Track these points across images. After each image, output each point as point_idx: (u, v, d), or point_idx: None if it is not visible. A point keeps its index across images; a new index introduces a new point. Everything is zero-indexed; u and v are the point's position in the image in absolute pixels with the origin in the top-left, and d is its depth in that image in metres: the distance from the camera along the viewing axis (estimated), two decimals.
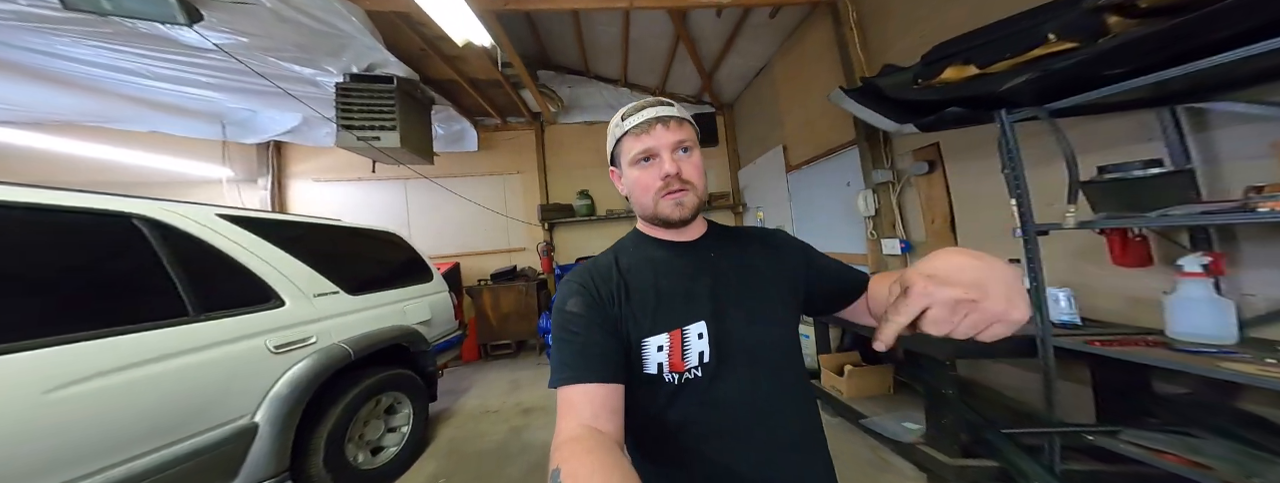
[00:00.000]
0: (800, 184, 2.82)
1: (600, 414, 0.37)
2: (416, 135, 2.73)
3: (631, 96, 3.99)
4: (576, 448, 0.32)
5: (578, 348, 0.40)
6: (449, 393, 2.60)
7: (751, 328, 0.44)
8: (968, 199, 1.59)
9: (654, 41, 3.19)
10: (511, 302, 3.28)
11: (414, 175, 3.41)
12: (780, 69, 2.93)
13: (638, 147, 0.43)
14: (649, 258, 0.48)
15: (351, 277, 1.54)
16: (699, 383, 0.42)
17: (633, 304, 0.43)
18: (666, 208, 0.44)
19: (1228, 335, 0.87)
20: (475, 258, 3.79)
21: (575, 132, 4.02)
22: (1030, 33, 0.93)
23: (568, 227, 3.92)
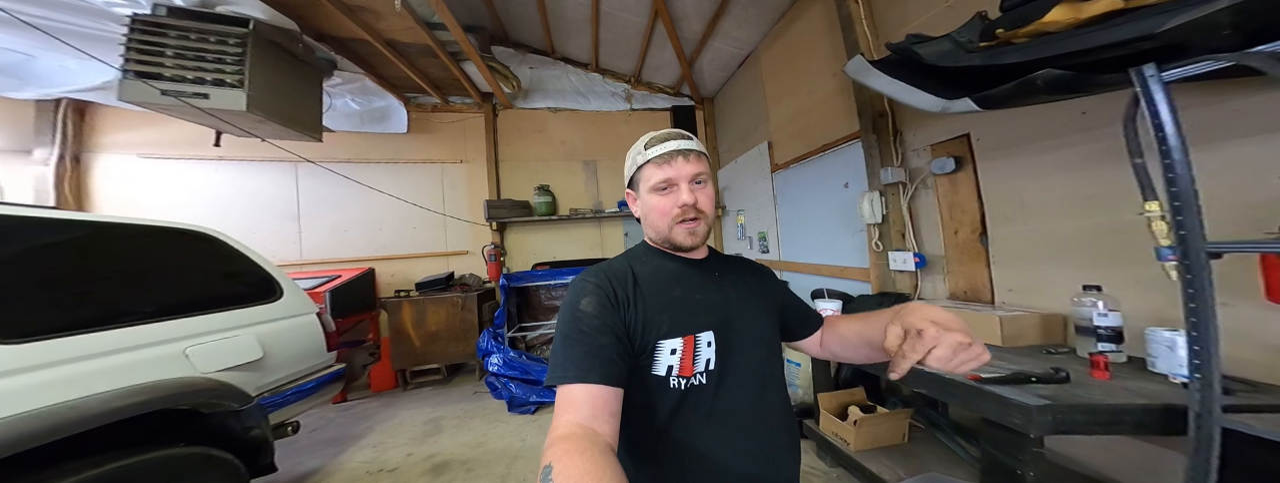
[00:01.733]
0: (787, 185, 2.43)
1: (599, 415, 0.37)
2: (289, 102, 1.93)
3: (604, 83, 3.42)
4: (570, 447, 0.32)
5: (588, 348, 0.41)
6: (329, 445, 1.82)
7: (750, 345, 0.49)
8: (1008, 205, 1.23)
9: (629, 18, 2.67)
10: (442, 317, 2.53)
11: (306, 159, 2.54)
12: (768, 57, 2.54)
13: (659, 175, 0.48)
14: (664, 268, 0.51)
15: (24, 310, 0.81)
16: (703, 390, 0.45)
17: (650, 307, 0.45)
18: (680, 235, 0.48)
19: None
20: (400, 263, 2.96)
21: (537, 118, 3.34)
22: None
23: (523, 227, 3.23)
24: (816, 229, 2.17)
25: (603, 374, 0.39)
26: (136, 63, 1.56)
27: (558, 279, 2.83)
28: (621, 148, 3.42)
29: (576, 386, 0.38)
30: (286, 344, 1.30)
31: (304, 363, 1.38)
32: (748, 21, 2.47)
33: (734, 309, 0.50)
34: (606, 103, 3.42)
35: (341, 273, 2.55)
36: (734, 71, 3.03)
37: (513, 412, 2.07)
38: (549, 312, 3.03)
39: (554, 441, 0.33)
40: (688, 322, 0.46)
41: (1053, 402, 0.73)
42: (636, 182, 0.51)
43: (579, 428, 0.35)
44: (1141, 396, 0.73)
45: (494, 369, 2.25)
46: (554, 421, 0.37)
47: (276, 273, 1.38)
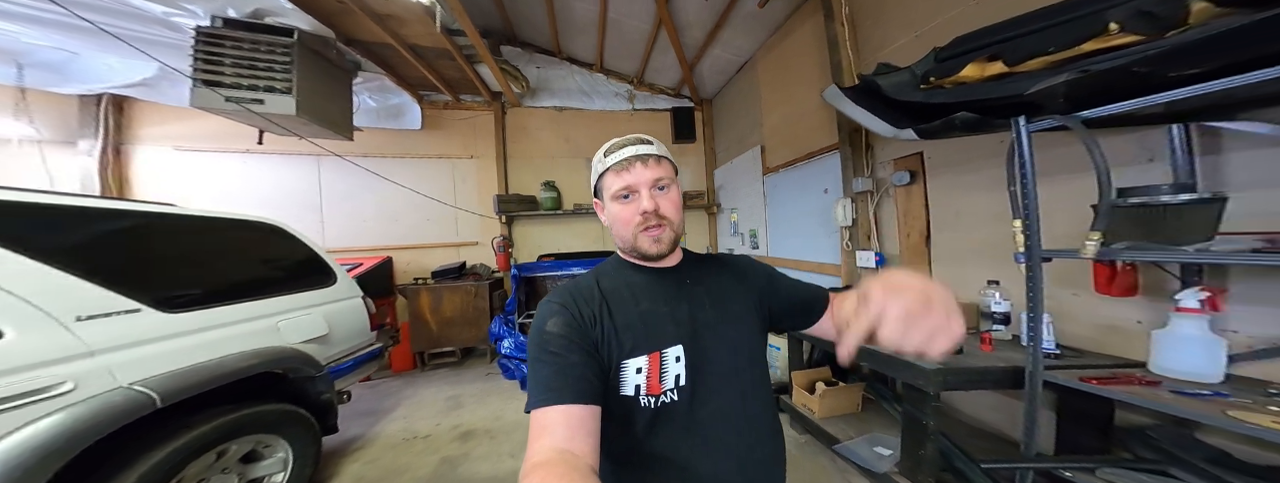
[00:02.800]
0: (777, 188, 2.67)
1: (576, 436, 0.35)
2: (327, 104, 2.12)
3: (608, 83, 3.58)
4: (548, 474, 0.31)
5: (556, 369, 0.39)
6: (366, 415, 2.09)
7: (726, 353, 0.46)
8: (947, 215, 1.49)
9: (634, 24, 2.82)
10: (457, 304, 2.77)
11: (328, 152, 2.71)
12: (764, 66, 2.72)
13: (618, 183, 0.45)
14: (629, 282, 0.49)
15: (172, 287, 1.04)
16: (675, 407, 0.43)
17: (614, 325, 0.44)
18: (645, 243, 0.46)
19: (1216, 375, 0.79)
20: (414, 252, 3.18)
21: (543, 116, 3.51)
22: (1087, 22, 0.75)
23: (529, 221, 3.45)
24: (800, 229, 2.43)
25: (575, 393, 0.37)
26: (203, 71, 1.74)
27: (564, 270, 3.05)
28: None
29: (549, 409, 0.36)
30: (343, 323, 1.55)
31: (356, 340, 1.63)
32: (746, 32, 2.65)
33: (707, 317, 0.47)
34: (610, 103, 3.59)
35: (363, 261, 2.75)
36: (732, 76, 3.20)
37: (525, 390, 2.36)
38: None
39: (531, 468, 0.32)
40: (652, 338, 0.44)
41: (944, 367, 1.01)
42: (600, 190, 0.48)
43: (556, 453, 0.33)
44: (1003, 361, 1.02)
45: (506, 352, 2.50)
46: (530, 446, 0.35)
47: (331, 261, 1.62)
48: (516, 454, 1.64)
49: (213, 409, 1.05)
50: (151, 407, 0.87)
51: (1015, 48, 0.89)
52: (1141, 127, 0.93)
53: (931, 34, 1.43)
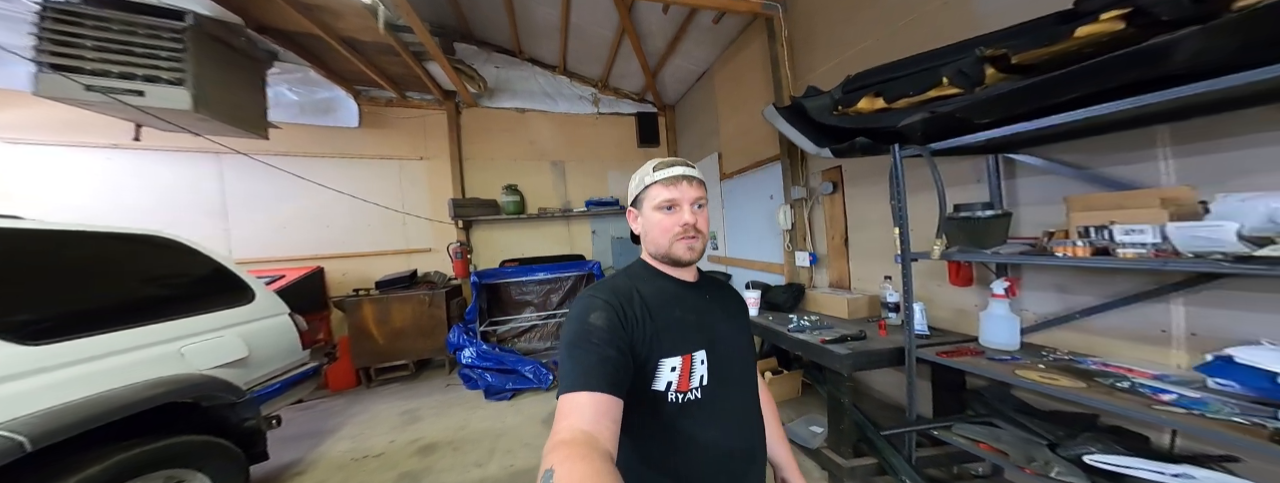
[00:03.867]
0: (732, 193, 2.89)
1: (600, 421, 0.38)
2: (233, 98, 1.87)
3: (572, 86, 3.60)
4: (572, 452, 0.33)
5: (596, 358, 0.42)
6: (305, 438, 1.97)
7: (736, 360, 0.54)
8: (860, 221, 1.76)
9: (597, 30, 2.88)
10: (408, 314, 2.64)
11: (232, 150, 2.34)
12: (720, 77, 2.92)
13: (665, 194, 0.51)
14: (666, 289, 0.54)
15: (30, 315, 0.93)
16: (698, 403, 0.49)
17: (654, 327, 0.48)
18: (679, 250, 0.52)
19: (1014, 344, 1.07)
20: (353, 261, 2.97)
21: (504, 118, 3.45)
22: (932, 73, 0.97)
23: (490, 226, 3.38)
24: (752, 231, 2.67)
25: (608, 383, 0.40)
26: (52, 54, 1.45)
27: (528, 276, 3.04)
28: (589, 150, 3.72)
29: (581, 393, 0.39)
30: (267, 343, 1.45)
31: (285, 360, 1.53)
32: (703, 44, 2.83)
33: (723, 328, 0.54)
34: (574, 106, 3.61)
35: (286, 273, 2.51)
36: (692, 85, 3.39)
37: (490, 399, 2.30)
38: (520, 306, 3.25)
39: (556, 445, 0.34)
40: (685, 341, 0.49)
41: (852, 351, 1.23)
42: (641, 200, 0.54)
43: (580, 434, 0.36)
44: (892, 343, 1.26)
45: (467, 361, 2.45)
46: (556, 425, 0.38)
47: (245, 275, 1.49)
48: (484, 463, 1.64)
49: (110, 446, 0.96)
50: (19, 451, 0.79)
51: (891, 88, 1.11)
52: (974, 156, 1.21)
53: (848, 63, 1.68)
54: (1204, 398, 0.70)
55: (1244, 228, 0.62)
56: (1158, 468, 0.73)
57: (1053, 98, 0.74)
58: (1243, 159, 0.77)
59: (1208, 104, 0.72)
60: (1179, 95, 0.61)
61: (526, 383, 2.37)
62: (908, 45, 1.27)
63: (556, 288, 3.27)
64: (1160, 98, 0.63)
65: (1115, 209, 0.78)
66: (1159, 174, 0.87)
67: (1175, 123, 0.84)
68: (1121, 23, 0.64)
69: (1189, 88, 0.60)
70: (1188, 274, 0.84)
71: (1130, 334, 0.95)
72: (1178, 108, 0.73)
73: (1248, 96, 0.67)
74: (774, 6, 2.14)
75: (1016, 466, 0.91)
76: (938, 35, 1.22)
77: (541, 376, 2.39)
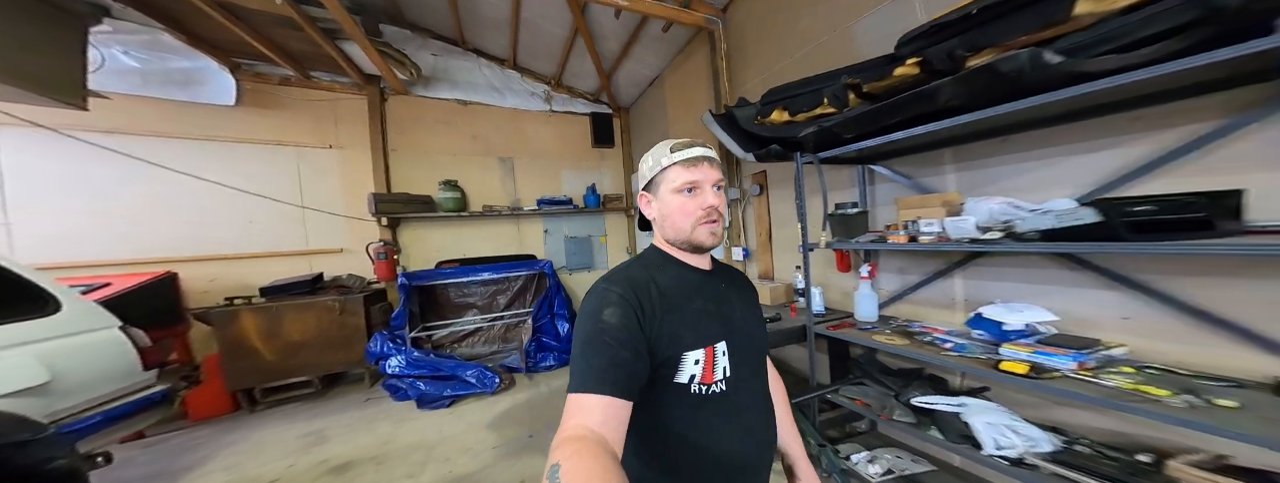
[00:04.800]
0: None
1: (609, 424, 0.38)
2: (31, 57, 1.49)
3: (523, 82, 3.52)
4: (580, 448, 0.34)
5: (609, 359, 0.42)
6: (154, 479, 1.61)
7: (754, 350, 0.54)
8: (780, 219, 2.03)
9: (550, 27, 2.87)
10: (310, 324, 2.31)
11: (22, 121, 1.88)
12: (670, 83, 3.11)
13: (686, 176, 0.49)
14: (683, 279, 0.52)
15: None
16: (722, 395, 0.48)
17: (676, 320, 0.47)
18: (702, 235, 0.50)
19: (874, 316, 1.35)
20: (229, 265, 2.52)
21: (443, 109, 3.24)
22: (818, 94, 1.19)
23: (423, 224, 3.14)
24: None
25: (619, 387, 0.39)
26: None
27: (471, 277, 2.88)
28: (541, 148, 3.66)
29: (590, 395, 0.39)
30: (82, 364, 1.18)
31: (112, 385, 1.26)
32: (654, 51, 2.98)
33: (740, 318, 0.53)
34: (525, 102, 3.53)
35: (113, 280, 1.96)
36: (645, 89, 3.55)
37: (425, 408, 2.15)
38: (460, 310, 3.06)
39: (563, 441, 0.35)
40: (707, 333, 0.48)
41: (768, 331, 1.41)
42: (657, 183, 0.51)
43: (588, 431, 0.36)
44: (799, 323, 1.48)
45: (395, 371, 2.26)
46: (563, 422, 0.38)
47: (47, 283, 1.20)
48: (416, 474, 1.54)
49: None
50: None
51: (794, 104, 1.32)
52: (851, 165, 1.50)
53: (771, 78, 1.93)
54: (967, 344, 0.98)
55: (978, 221, 0.89)
56: (948, 401, 1.00)
57: (885, 121, 0.98)
58: (990, 173, 1.10)
59: (966, 135, 1.03)
60: (932, 129, 0.89)
61: (469, 389, 2.27)
62: (811, 67, 1.54)
63: (504, 289, 3.15)
64: (926, 130, 0.90)
65: (920, 208, 1.06)
66: (947, 183, 1.21)
67: (955, 146, 1.16)
68: (917, 68, 0.88)
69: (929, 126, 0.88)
70: (960, 254, 1.17)
71: (936, 302, 1.28)
72: (950, 137, 1.03)
73: (985, 131, 0.97)
74: (715, 21, 2.35)
75: (877, 415, 1.16)
76: (830, 61, 1.49)
77: (487, 380, 2.30)
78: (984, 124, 0.86)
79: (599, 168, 3.99)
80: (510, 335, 3.03)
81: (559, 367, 2.72)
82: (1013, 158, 1.04)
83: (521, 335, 2.87)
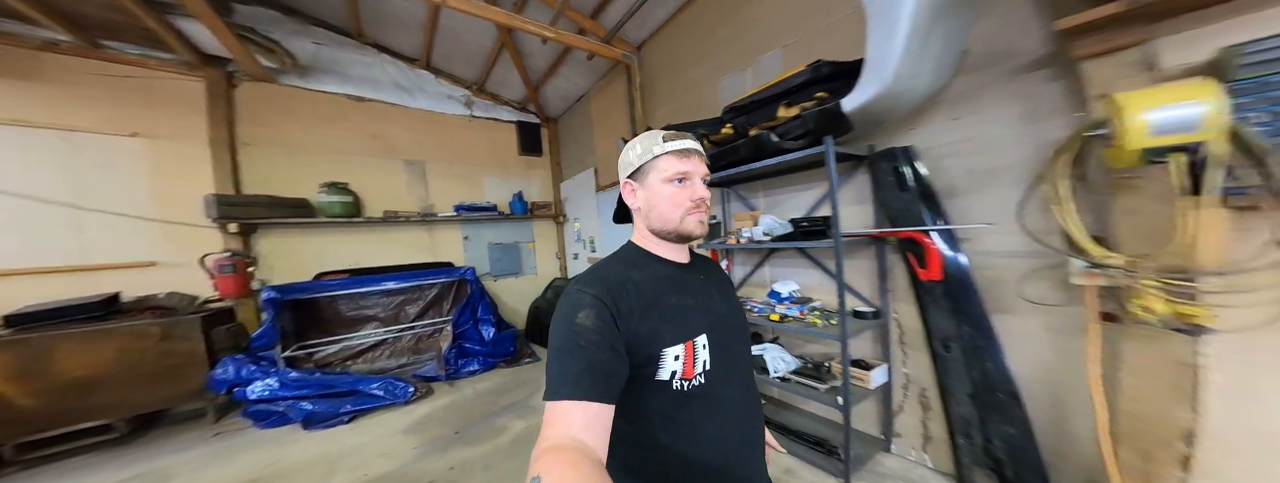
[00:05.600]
0: (607, 203, 3.56)
1: (591, 429, 0.39)
2: None
3: (438, 83, 3.59)
4: (562, 458, 0.35)
5: (584, 363, 0.42)
6: None
7: (736, 341, 0.57)
8: None
9: (473, 38, 3.12)
10: (107, 357, 1.93)
11: None
12: (596, 103, 3.62)
13: (678, 166, 0.52)
14: (661, 275, 0.54)
15: None
16: (703, 388, 0.50)
17: (655, 316, 0.49)
18: (691, 224, 0.53)
19: None
20: None
21: (325, 103, 3.03)
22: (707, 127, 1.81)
23: (295, 231, 2.86)
24: (619, 235, 3.36)
25: (597, 390, 0.40)
26: None
27: (369, 287, 2.76)
28: (460, 153, 3.73)
29: (567, 402, 0.39)
30: None
31: None
32: (581, 72, 3.47)
33: (720, 309, 0.55)
34: (440, 104, 3.57)
35: None
36: (573, 103, 3.98)
37: (315, 428, 2.04)
38: (355, 323, 2.90)
39: (544, 451, 0.36)
40: (687, 328, 0.50)
41: None
42: (645, 171, 0.53)
43: (569, 439, 0.37)
44: None
45: (263, 395, 2.09)
46: (543, 432, 0.39)
47: None
48: (326, 479, 1.57)
49: None
50: None
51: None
52: (715, 187, 2.22)
53: (670, 115, 2.60)
54: (761, 307, 1.70)
55: (763, 230, 1.61)
56: (758, 347, 1.67)
57: (721, 162, 1.62)
58: (775, 198, 1.92)
59: (762, 174, 1.80)
60: (735, 172, 1.58)
61: (374, 401, 2.25)
62: (697, 108, 2.27)
63: (415, 298, 3.09)
64: (733, 172, 1.60)
65: (743, 221, 1.78)
66: (759, 204, 2.01)
67: (761, 180, 1.97)
68: (732, 129, 1.55)
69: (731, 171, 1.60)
70: (764, 250, 1.97)
71: (758, 283, 2.06)
72: (754, 175, 1.78)
73: (771, 172, 1.72)
74: (631, 57, 2.96)
75: None
76: (706, 106, 2.19)
77: (399, 391, 2.32)
78: (758, 171, 1.57)
79: (527, 176, 4.19)
80: (424, 346, 3.00)
81: (484, 371, 2.85)
82: (782, 190, 1.87)
83: (439, 344, 2.89)
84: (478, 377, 2.75)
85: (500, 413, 2.18)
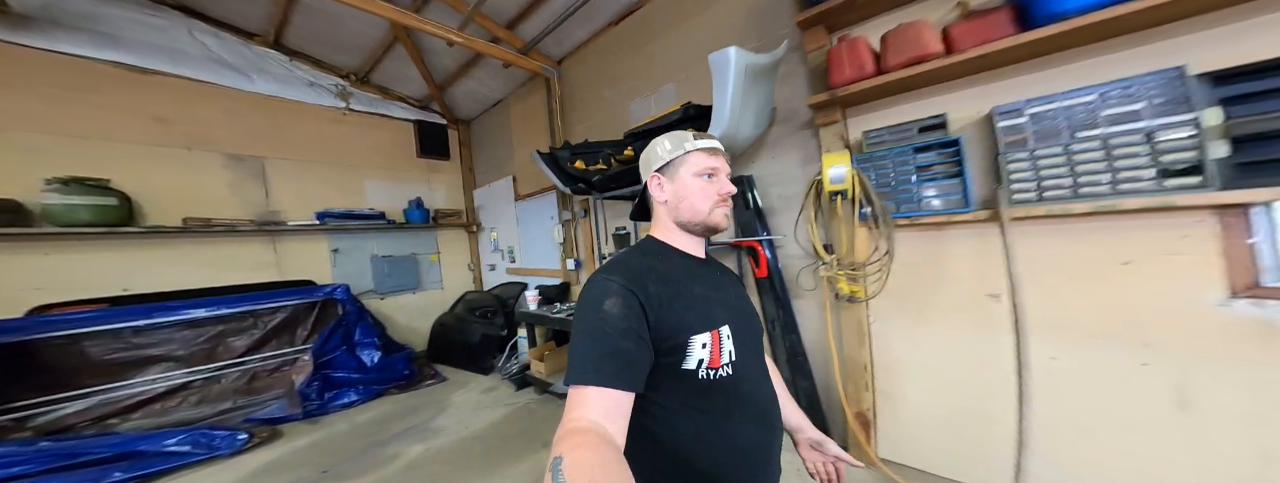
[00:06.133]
0: (526, 212, 3.71)
1: (611, 415, 0.42)
2: None
3: (294, 67, 3.21)
4: (581, 441, 0.38)
5: (608, 350, 0.46)
6: None
7: (754, 333, 0.63)
8: (604, 235, 3.01)
9: (354, 23, 2.93)
10: None
11: None
12: (516, 110, 3.78)
13: (708, 162, 0.60)
14: (683, 267, 0.61)
15: None
16: (729, 379, 0.54)
17: (680, 306, 0.54)
18: (718, 216, 0.60)
19: None
20: None
21: (65, 69, 2.34)
22: (598, 155, 2.14)
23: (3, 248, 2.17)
24: (540, 245, 3.55)
25: (620, 378, 0.44)
26: None
27: (158, 317, 2.29)
28: (327, 151, 3.39)
29: (591, 388, 0.43)
30: None
31: None
32: (499, 78, 3.61)
33: (738, 304, 0.61)
34: (296, 91, 3.20)
35: None
36: (490, 108, 4.05)
37: None
38: (114, 371, 2.26)
39: (566, 433, 0.39)
40: (712, 318, 0.54)
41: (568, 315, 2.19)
42: (676, 165, 0.60)
43: (590, 423, 0.40)
44: None
45: None
46: (566, 415, 0.42)
47: None
48: None
49: None
50: None
51: (587, 158, 2.26)
52: (628, 201, 2.61)
53: (589, 130, 2.93)
54: None
55: None
56: None
57: (625, 180, 1.99)
58: None
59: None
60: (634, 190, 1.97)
61: (175, 461, 1.94)
62: (612, 125, 2.65)
63: (245, 328, 2.65)
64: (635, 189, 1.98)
65: (646, 231, 2.17)
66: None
67: None
68: (631, 152, 1.96)
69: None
70: None
71: None
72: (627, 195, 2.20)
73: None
74: (551, 71, 3.23)
75: None
76: (619, 124, 2.58)
77: (219, 442, 2.05)
78: None
79: (429, 180, 4.05)
80: (263, 384, 2.66)
81: (365, 400, 2.71)
82: None
83: (291, 377, 2.65)
84: (357, 408, 2.63)
85: (390, 441, 2.18)
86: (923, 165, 1.25)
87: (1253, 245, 0.90)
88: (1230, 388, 0.94)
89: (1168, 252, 0.99)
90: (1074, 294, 1.09)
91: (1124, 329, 1.05)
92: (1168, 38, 0.95)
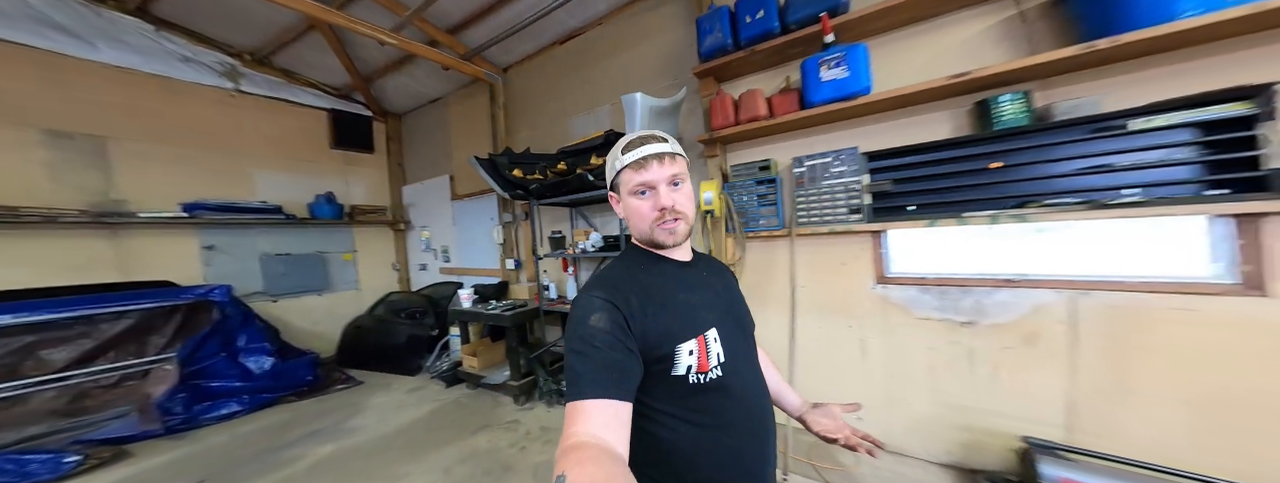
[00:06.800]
0: (463, 213, 4.01)
1: (610, 425, 0.48)
2: None
3: (161, 37, 3.00)
4: (583, 455, 0.43)
5: (600, 363, 0.52)
6: None
7: (743, 334, 0.70)
8: (542, 237, 3.49)
9: (262, 9, 2.81)
10: None
11: None
12: (455, 110, 4.08)
13: (636, 179, 0.62)
14: (666, 273, 0.67)
15: None
16: (720, 381, 0.61)
17: (666, 313, 0.60)
18: (661, 235, 0.64)
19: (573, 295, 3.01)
20: None
21: None
22: (535, 166, 2.66)
23: None
24: (479, 245, 3.89)
25: (615, 388, 0.49)
26: None
27: None
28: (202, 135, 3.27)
29: (587, 401, 0.48)
30: None
31: None
32: (437, 78, 3.91)
33: (724, 304, 0.68)
34: (158, 64, 3.02)
35: None
36: (426, 104, 4.25)
37: None
38: None
39: (567, 450, 0.43)
40: (697, 323, 0.60)
41: (515, 313, 2.66)
42: (618, 185, 0.64)
43: (591, 437, 0.44)
44: (537, 306, 2.86)
45: None
46: (565, 431, 0.47)
47: None
48: None
49: None
50: None
51: (526, 168, 2.76)
52: (565, 207, 3.19)
53: (531, 139, 3.42)
54: None
55: (592, 243, 2.64)
56: None
57: (561, 190, 2.55)
58: (608, 219, 3.11)
59: (593, 200, 2.89)
60: (571, 199, 2.62)
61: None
62: (554, 137, 3.22)
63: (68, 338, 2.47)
64: (570, 198, 2.61)
65: (583, 236, 2.80)
66: (596, 222, 3.24)
67: (595, 204, 3.17)
68: (565, 166, 2.56)
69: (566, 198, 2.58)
70: (600, 256, 3.05)
71: None
72: (589, 201, 2.86)
73: (598, 200, 2.81)
74: (495, 77, 3.62)
75: None
76: (561, 136, 3.12)
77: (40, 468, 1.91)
78: (587, 198, 2.63)
79: (345, 174, 4.10)
80: (97, 403, 2.46)
81: (250, 410, 2.77)
82: (609, 214, 2.99)
83: (145, 390, 2.51)
84: (242, 419, 2.62)
85: (294, 445, 2.25)
86: (761, 195, 2.04)
87: (883, 254, 1.75)
88: (879, 338, 1.76)
89: (856, 257, 1.81)
90: (821, 284, 1.95)
91: (841, 305, 1.86)
92: (857, 127, 1.80)
